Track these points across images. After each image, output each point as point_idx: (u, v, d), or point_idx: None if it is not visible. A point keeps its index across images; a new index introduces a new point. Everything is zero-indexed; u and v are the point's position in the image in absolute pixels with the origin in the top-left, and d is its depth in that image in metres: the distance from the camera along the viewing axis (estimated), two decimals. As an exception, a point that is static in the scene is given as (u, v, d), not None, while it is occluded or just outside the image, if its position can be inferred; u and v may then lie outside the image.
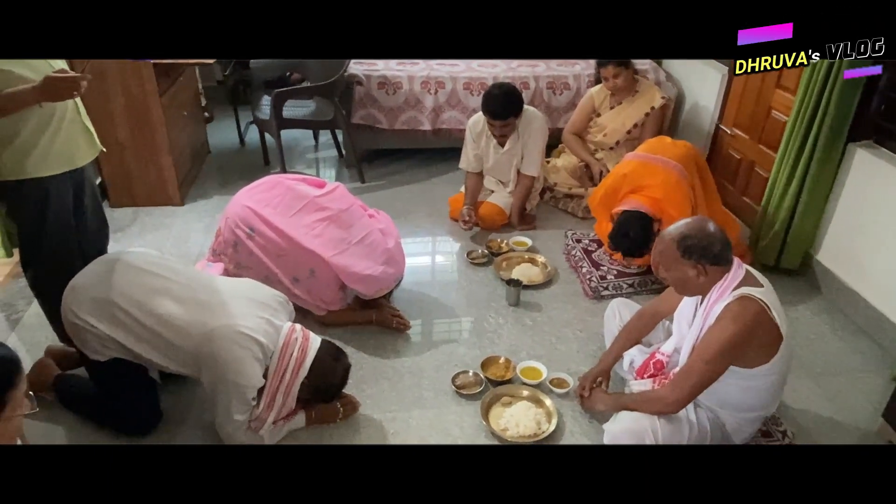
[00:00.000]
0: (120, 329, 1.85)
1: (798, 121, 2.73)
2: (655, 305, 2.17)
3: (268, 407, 1.91)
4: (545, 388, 2.25)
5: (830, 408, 2.24)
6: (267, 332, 1.90)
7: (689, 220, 1.82)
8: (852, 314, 2.68)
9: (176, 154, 3.38)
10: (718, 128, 3.64)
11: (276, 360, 1.90)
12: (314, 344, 1.96)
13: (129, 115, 3.17)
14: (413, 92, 3.77)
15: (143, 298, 1.87)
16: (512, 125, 3.06)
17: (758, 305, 1.73)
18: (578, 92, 3.88)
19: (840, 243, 2.78)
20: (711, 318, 1.80)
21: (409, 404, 2.20)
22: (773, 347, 1.77)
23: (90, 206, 2.26)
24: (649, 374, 2.05)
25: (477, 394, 2.22)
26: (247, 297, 1.96)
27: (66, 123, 2.03)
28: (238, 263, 2.51)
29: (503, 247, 3.10)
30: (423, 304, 2.72)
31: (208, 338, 1.82)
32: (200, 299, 1.90)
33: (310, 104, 3.78)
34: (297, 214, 2.43)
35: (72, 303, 1.87)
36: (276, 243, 2.39)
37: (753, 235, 3.05)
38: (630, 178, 2.75)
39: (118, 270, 1.92)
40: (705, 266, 1.78)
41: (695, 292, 1.88)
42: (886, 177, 2.52)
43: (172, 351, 1.86)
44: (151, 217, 3.35)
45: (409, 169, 3.96)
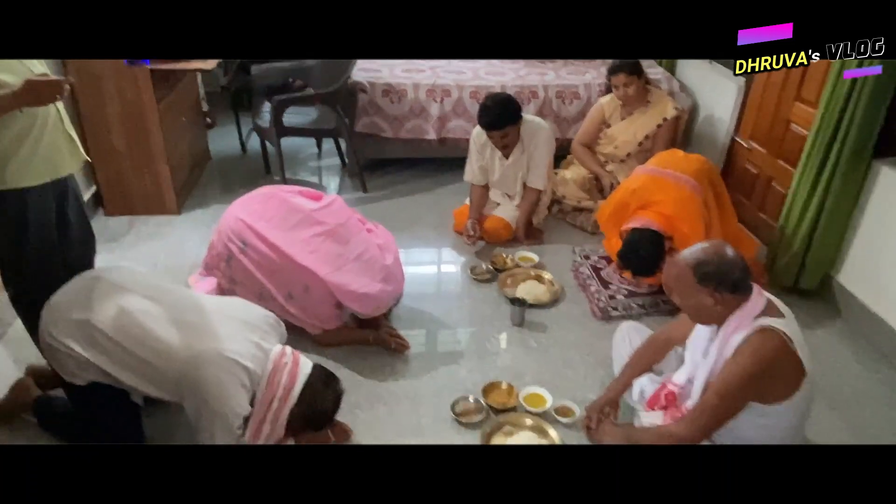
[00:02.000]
0: (99, 352, 1.75)
1: (819, 134, 2.60)
2: (668, 332, 2.05)
3: (254, 436, 1.81)
4: (550, 418, 2.13)
5: (853, 442, 2.10)
6: (255, 356, 1.79)
7: (706, 245, 1.70)
8: (876, 341, 2.55)
9: (173, 162, 3.29)
10: (734, 140, 3.52)
11: (264, 386, 1.80)
12: (304, 369, 1.85)
13: (125, 122, 3.08)
14: (418, 100, 3.67)
15: (125, 320, 1.76)
16: (511, 135, 2.94)
17: (779, 338, 1.61)
18: (589, 101, 3.76)
19: (863, 265, 2.64)
20: (728, 350, 1.68)
21: (406, 432, 2.09)
22: (795, 383, 1.65)
23: (75, 218, 2.16)
24: (660, 405, 1.93)
25: (477, 422, 2.10)
26: (235, 318, 1.85)
27: (49, 131, 1.94)
28: (231, 278, 2.41)
29: (508, 262, 2.99)
30: (424, 322, 2.61)
31: (192, 363, 1.71)
32: (186, 321, 1.79)
33: (312, 112, 3.69)
34: (293, 229, 2.33)
35: (49, 323, 1.77)
36: (269, 258, 2.30)
37: (770, 255, 2.92)
38: (640, 193, 2.63)
39: (99, 289, 1.82)
40: (723, 294, 1.66)
41: (711, 321, 1.75)
42: (915, 196, 2.39)
43: (155, 376, 1.75)
44: (147, 226, 3.26)
45: (413, 179, 3.85)
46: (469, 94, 3.69)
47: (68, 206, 2.13)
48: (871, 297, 2.59)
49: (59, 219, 2.09)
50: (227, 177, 3.87)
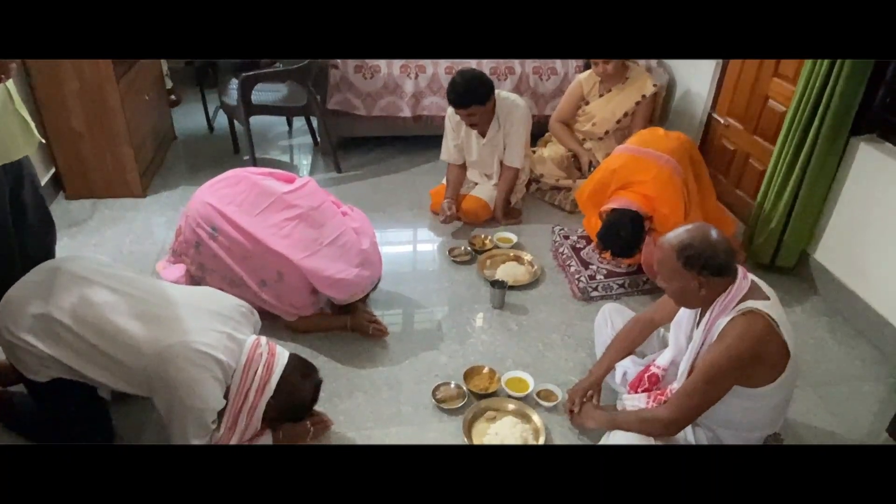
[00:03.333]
0: (62, 347, 1.66)
1: (799, 112, 2.59)
2: (650, 313, 2.03)
3: (230, 429, 1.75)
4: (532, 402, 2.11)
5: (832, 421, 2.13)
6: (228, 347, 1.73)
7: (691, 228, 1.67)
8: (852, 317, 2.57)
9: (137, 142, 3.16)
10: (711, 117, 3.50)
11: (239, 378, 1.73)
12: (281, 360, 1.79)
13: (84, 101, 2.94)
14: (392, 76, 3.56)
15: (88, 313, 1.67)
16: (479, 114, 2.87)
17: (764, 321, 1.59)
18: (566, 77, 3.71)
19: (839, 242, 2.66)
20: (714, 333, 1.67)
21: (387, 420, 2.05)
22: (780, 366, 1.64)
23: (31, 203, 2.06)
24: (643, 388, 1.92)
25: (459, 408, 2.07)
26: (206, 309, 1.78)
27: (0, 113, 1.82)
28: (201, 265, 2.33)
29: (487, 243, 2.95)
30: (402, 307, 2.56)
31: (161, 357, 1.64)
32: (153, 313, 1.71)
33: (282, 88, 3.56)
34: (264, 213, 2.25)
35: (6, 319, 1.67)
36: (240, 244, 2.21)
37: (748, 232, 2.93)
38: (620, 173, 2.60)
39: (60, 281, 1.72)
40: (708, 278, 1.63)
41: (696, 305, 1.74)
42: (891, 173, 2.39)
43: (122, 370, 1.67)
44: (111, 210, 3.14)
45: (389, 158, 3.77)
46: (444, 70, 3.60)
47: (24, 191, 2.02)
48: (848, 274, 2.61)
49: (15, 204, 1.99)
50: (194, 157, 3.73)
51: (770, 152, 3.00)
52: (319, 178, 3.53)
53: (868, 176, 2.50)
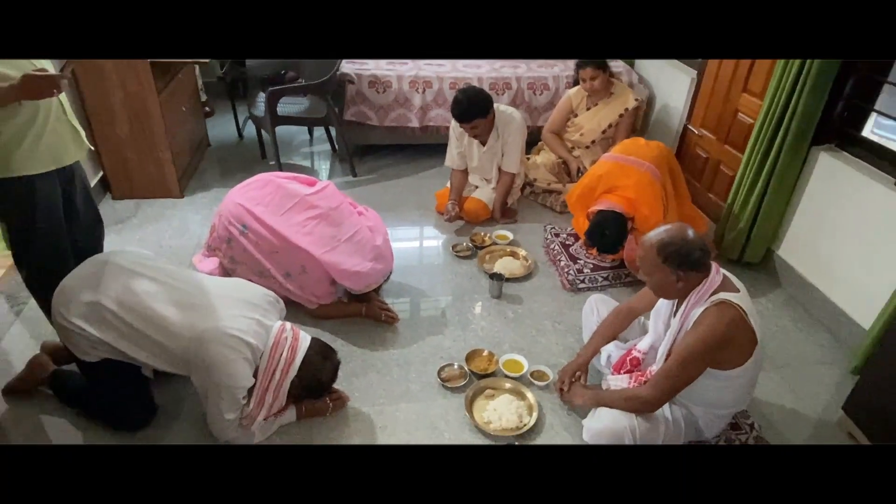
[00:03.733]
0: (110, 331, 1.67)
1: (765, 125, 2.57)
2: (632, 303, 2.03)
3: (258, 404, 1.75)
4: (526, 381, 2.10)
5: (793, 399, 2.12)
6: (256, 332, 1.73)
7: (670, 227, 1.66)
8: (811, 308, 2.56)
9: (175, 148, 3.15)
10: (686, 128, 3.48)
11: (266, 359, 1.73)
12: (304, 343, 1.79)
13: (128, 111, 2.93)
14: (402, 90, 3.55)
15: (133, 301, 1.68)
16: (480, 126, 2.86)
17: (735, 311, 1.59)
18: (557, 92, 3.69)
19: (800, 240, 2.65)
20: (689, 321, 1.66)
21: (397, 397, 2.04)
22: (748, 351, 1.63)
23: (82, 204, 2.05)
24: (626, 369, 1.92)
25: (462, 386, 2.07)
26: (237, 298, 1.78)
27: (52, 122, 1.81)
28: (232, 258, 2.32)
29: (486, 240, 2.94)
30: (411, 296, 2.56)
31: (198, 340, 1.64)
32: (191, 301, 1.71)
33: (304, 101, 3.55)
34: (288, 212, 2.24)
35: (60, 305, 1.68)
36: (268, 240, 2.21)
37: (719, 231, 2.92)
38: (605, 178, 2.59)
39: (108, 272, 1.72)
40: (685, 272, 1.63)
41: (674, 296, 1.73)
42: (847, 179, 2.38)
43: (162, 352, 1.68)
44: (152, 209, 3.13)
45: (399, 163, 3.76)
46: (448, 85, 3.58)
47: (75, 192, 2.01)
48: (808, 269, 2.60)
49: (67, 205, 1.98)
50: (226, 162, 3.72)
51: (739, 160, 2.98)
52: (337, 181, 3.52)
53: (826, 182, 2.48)
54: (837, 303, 2.44)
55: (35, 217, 1.86)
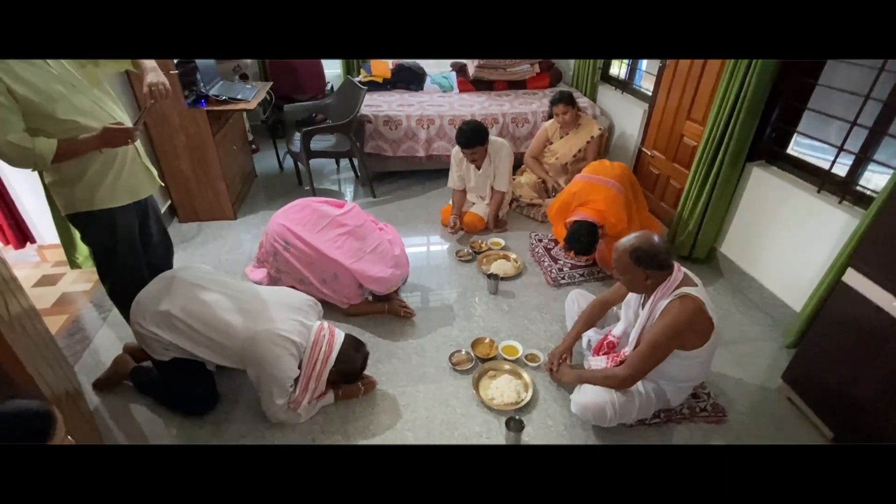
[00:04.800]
0: (178, 335, 1.60)
1: (707, 145, 2.50)
2: (606, 296, 1.95)
3: (303, 391, 1.68)
4: (521, 363, 2.03)
5: (739, 371, 2.05)
6: (300, 331, 1.65)
7: (639, 235, 1.59)
8: (749, 294, 2.49)
9: (228, 179, 3.07)
10: (641, 150, 3.40)
11: (309, 353, 1.66)
12: (339, 339, 1.72)
13: (190, 151, 2.85)
14: (410, 127, 3.47)
15: (197, 309, 1.61)
16: (479, 153, 2.79)
17: (695, 302, 1.52)
18: (535, 125, 3.61)
19: (738, 239, 2.57)
20: (657, 312, 1.59)
21: (416, 380, 1.97)
22: (707, 334, 1.57)
23: (155, 230, 1.97)
24: (603, 352, 1.84)
25: (469, 369, 2.00)
26: (284, 304, 1.71)
27: (129, 163, 1.74)
28: (278, 269, 2.25)
29: (483, 246, 2.86)
30: (424, 294, 2.48)
31: (251, 340, 1.57)
32: (245, 308, 1.64)
33: (331, 138, 3.47)
34: (322, 230, 2.17)
35: (137, 315, 1.61)
36: (306, 254, 2.14)
37: (671, 234, 2.84)
38: (579, 195, 2.51)
39: (175, 286, 1.65)
40: (653, 271, 1.56)
41: (643, 291, 1.66)
42: (775, 188, 2.31)
43: (222, 350, 1.61)
44: (211, 229, 3.05)
45: (410, 186, 3.68)
46: (448, 122, 3.50)
47: (150, 220, 1.94)
48: (746, 262, 2.53)
49: (143, 231, 1.91)
50: (270, 189, 3.64)
51: (685, 175, 2.92)
52: (360, 202, 3.45)
53: (759, 191, 2.41)
54: (771, 289, 2.36)
55: (116, 242, 1.78)
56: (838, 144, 2.02)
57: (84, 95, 1.57)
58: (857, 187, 2.00)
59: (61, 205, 1.67)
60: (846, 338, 1.65)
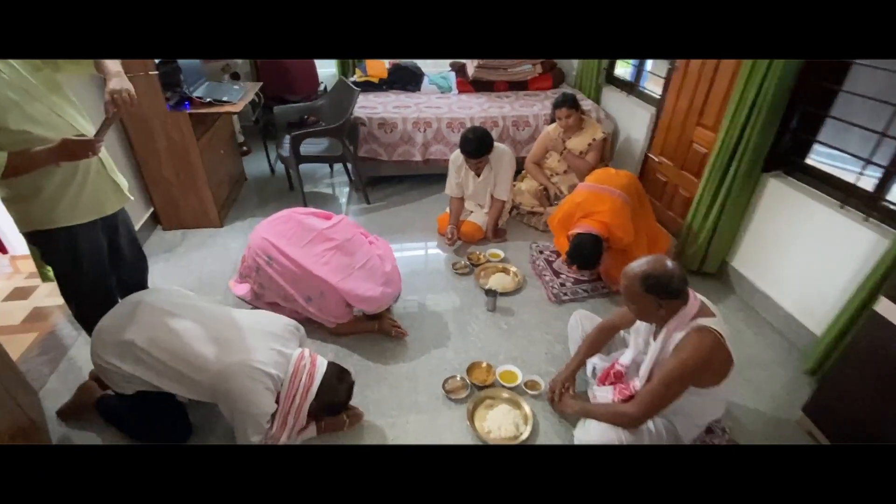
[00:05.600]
0: (141, 367, 1.45)
1: (720, 155, 2.34)
2: (613, 320, 1.80)
3: (281, 426, 1.53)
4: (521, 391, 1.88)
5: (755, 399, 1.90)
6: (277, 362, 1.51)
7: (651, 259, 1.44)
8: (763, 312, 2.34)
9: (214, 185, 2.92)
10: (647, 156, 3.24)
11: (287, 386, 1.52)
12: (321, 368, 1.57)
13: (172, 156, 2.70)
14: (406, 130, 3.32)
15: (163, 339, 1.46)
16: (485, 161, 2.65)
17: (713, 336, 1.37)
18: (537, 128, 3.45)
19: (752, 253, 2.42)
20: (670, 345, 1.44)
21: (407, 409, 1.82)
22: (725, 371, 1.42)
23: (127, 246, 1.82)
24: (610, 381, 1.69)
25: (464, 398, 1.85)
26: (260, 330, 1.56)
27: (92, 176, 1.59)
28: (261, 284, 2.10)
29: (481, 258, 2.71)
30: (418, 312, 2.33)
31: (223, 374, 1.42)
32: (218, 337, 1.49)
33: (324, 142, 3.32)
34: (308, 245, 2.02)
35: (97, 346, 1.46)
36: (290, 270, 1.99)
37: (679, 246, 2.69)
38: (583, 205, 2.36)
39: (140, 313, 1.50)
40: (666, 301, 1.41)
41: (654, 321, 1.51)
42: (793, 202, 2.15)
43: (192, 384, 1.46)
44: (196, 238, 2.91)
45: (405, 191, 3.52)
46: (446, 125, 3.35)
47: (120, 236, 1.79)
48: (759, 278, 2.38)
49: (112, 248, 1.76)
50: (260, 194, 3.49)
51: (694, 184, 2.76)
52: (354, 208, 3.30)
53: (775, 204, 2.26)
54: (787, 309, 2.21)
55: (80, 262, 1.64)
56: (858, 154, 1.86)
57: (40, 102, 1.42)
58: (885, 203, 1.85)
59: (16, 221, 1.52)
60: (876, 371, 1.50)
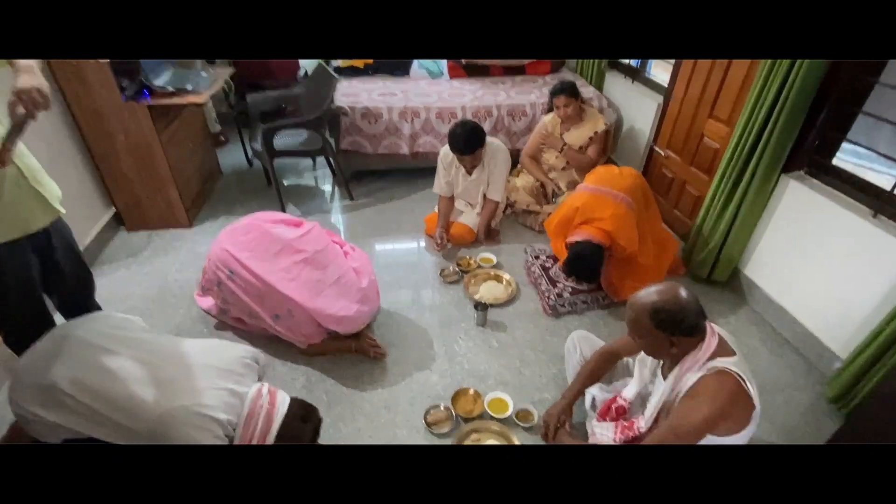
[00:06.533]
0: (67, 414, 1.24)
1: (737, 152, 2.12)
2: (616, 347, 1.60)
3: (236, 475, 1.34)
4: (511, 423, 1.69)
5: (772, 430, 1.72)
6: (229, 403, 1.31)
7: (663, 289, 1.23)
8: (779, 327, 2.14)
9: (181, 182, 2.68)
10: (653, 149, 3.01)
11: (241, 430, 1.32)
12: (281, 409, 1.37)
13: (131, 152, 2.46)
14: (392, 121, 3.07)
15: (95, 381, 1.25)
16: (478, 157, 2.41)
17: (734, 381, 1.17)
18: (534, 118, 3.20)
19: (767, 261, 2.21)
20: (683, 386, 1.24)
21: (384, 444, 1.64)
22: (746, 418, 1.22)
23: (65, 263, 1.60)
24: (611, 417, 1.51)
25: (447, 432, 1.66)
26: (211, 366, 1.35)
27: (10, 189, 1.36)
28: (224, 300, 1.90)
29: (472, 264, 2.50)
30: (400, 327, 2.12)
31: (162, 421, 1.22)
32: (158, 376, 1.28)
33: (302, 134, 3.07)
34: (274, 258, 1.80)
35: (14, 392, 1.25)
36: (254, 285, 1.78)
37: (687, 250, 2.48)
38: (582, 210, 2.13)
39: (68, 348, 1.29)
40: (679, 338, 1.20)
41: (666, 358, 1.31)
42: (815, 205, 1.94)
43: (125, 432, 1.25)
44: (163, 240, 2.68)
45: (392, 187, 3.29)
46: (435, 115, 3.10)
47: (56, 253, 1.56)
48: (775, 289, 2.17)
49: (47, 266, 1.54)
50: (236, 189, 3.25)
51: (704, 181, 2.55)
52: (337, 204, 3.07)
53: (796, 207, 2.04)
54: (805, 323, 2.02)
55: (5, 283, 1.42)
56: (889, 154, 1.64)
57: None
58: (925, 213, 1.64)
59: (-81, 242, 1.30)
60: (918, 413, 1.31)
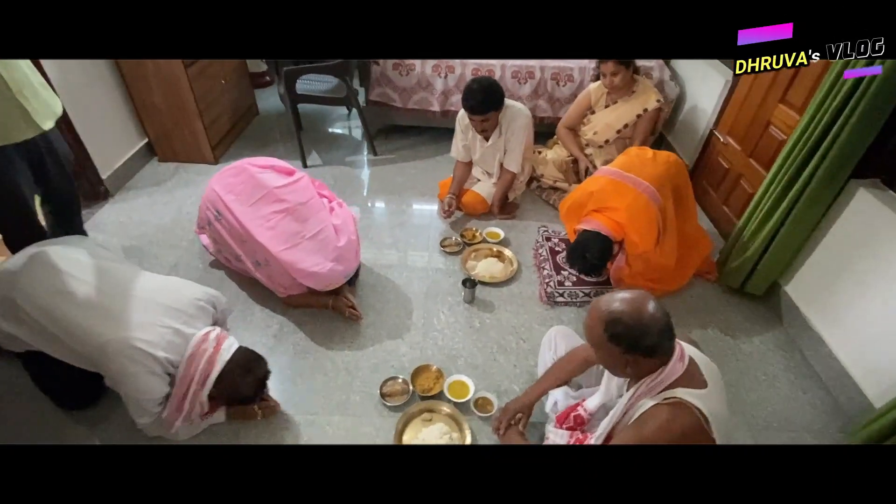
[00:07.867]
0: (23, 328, 1.32)
1: (799, 145, 1.77)
2: (588, 351, 1.43)
3: (175, 410, 1.37)
4: (467, 409, 1.60)
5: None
6: (171, 343, 1.32)
7: (627, 298, 1.05)
8: (811, 357, 1.85)
9: (209, 119, 2.73)
10: (712, 133, 2.63)
11: (182, 369, 1.34)
12: (223, 356, 1.38)
13: (159, 82, 2.52)
14: (424, 74, 2.90)
15: (47, 302, 1.31)
16: (492, 120, 2.21)
17: (691, 418, 0.99)
18: (582, 84, 2.90)
19: (814, 281, 1.88)
20: (634, 412, 1.08)
21: (333, 408, 1.61)
22: (703, 461, 1.04)
23: (55, 175, 1.70)
24: (568, 425, 1.37)
25: (400, 406, 1.60)
26: (160, 303, 1.37)
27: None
28: (214, 240, 1.93)
29: (476, 236, 2.36)
30: (385, 291, 2.06)
31: (101, 350, 1.26)
32: (104, 306, 1.32)
33: (330, 80, 2.99)
34: (256, 204, 1.78)
35: (-21, 297, 1.34)
36: (236, 229, 1.78)
37: (724, 254, 2.17)
38: (597, 196, 1.90)
39: (32, 267, 1.36)
40: (635, 357, 1.03)
41: (623, 376, 1.14)
42: (888, 223, 1.59)
43: (73, 353, 1.32)
44: (188, 173, 2.77)
45: (419, 145, 3.16)
46: (471, 71, 2.89)
47: (47, 163, 1.66)
48: (817, 315, 1.86)
49: (38, 175, 1.64)
50: (268, 131, 3.28)
51: (762, 177, 2.19)
52: (359, 158, 3.01)
53: (862, 221, 1.69)
54: (843, 361, 1.71)
55: None
56: None
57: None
58: None
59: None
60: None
